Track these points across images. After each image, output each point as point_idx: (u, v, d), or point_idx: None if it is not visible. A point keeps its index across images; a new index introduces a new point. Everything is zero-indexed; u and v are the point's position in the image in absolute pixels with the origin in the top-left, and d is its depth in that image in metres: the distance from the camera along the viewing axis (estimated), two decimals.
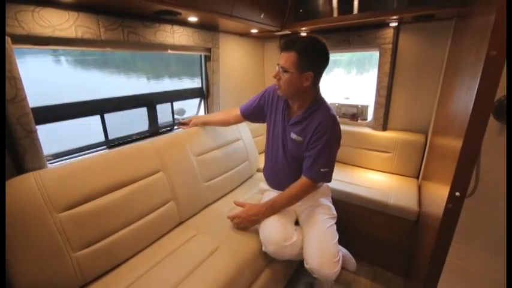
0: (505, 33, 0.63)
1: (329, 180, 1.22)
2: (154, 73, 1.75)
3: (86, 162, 1.07)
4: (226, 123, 1.58)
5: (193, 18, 1.39)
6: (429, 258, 0.91)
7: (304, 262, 1.16)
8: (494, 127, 1.38)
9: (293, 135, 1.22)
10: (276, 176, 1.36)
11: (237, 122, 1.54)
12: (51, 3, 0.96)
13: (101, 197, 1.04)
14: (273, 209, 1.22)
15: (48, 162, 1.09)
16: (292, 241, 1.17)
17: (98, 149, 1.33)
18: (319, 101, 1.19)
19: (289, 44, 1.07)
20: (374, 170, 1.95)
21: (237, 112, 1.47)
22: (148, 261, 1.09)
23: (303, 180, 1.21)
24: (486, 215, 1.51)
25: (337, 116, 1.19)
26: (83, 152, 1.27)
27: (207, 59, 1.79)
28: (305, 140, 1.19)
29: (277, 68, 1.13)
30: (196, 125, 1.57)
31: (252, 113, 1.42)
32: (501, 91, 1.30)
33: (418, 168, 1.80)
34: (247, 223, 1.24)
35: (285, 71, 1.08)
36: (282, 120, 1.27)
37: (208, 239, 1.22)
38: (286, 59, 1.08)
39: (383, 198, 1.55)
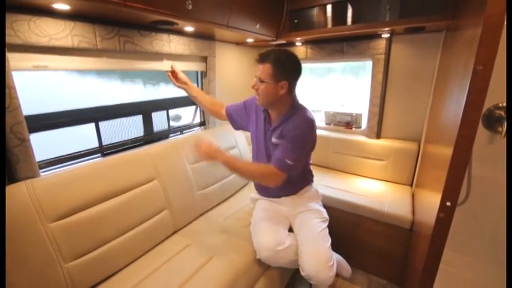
0: (491, 48, 0.65)
1: (292, 172, 1.20)
2: (151, 79, 1.76)
3: (79, 170, 1.06)
4: (210, 113, 1.58)
5: (189, 28, 1.41)
6: (422, 266, 0.91)
7: (300, 269, 1.17)
8: (484, 136, 1.41)
9: (274, 140, 1.26)
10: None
11: (219, 118, 1.53)
12: (47, 13, 0.97)
13: (94, 206, 1.03)
14: (226, 162, 1.17)
15: (41, 170, 1.08)
16: (285, 246, 1.18)
17: (92, 156, 1.32)
18: (295, 107, 1.24)
19: (264, 56, 1.15)
20: (368, 177, 1.97)
21: (222, 110, 1.48)
22: (142, 272, 1.08)
23: (269, 166, 1.18)
24: (478, 222, 1.53)
25: (314, 120, 1.21)
26: (77, 160, 1.26)
27: (204, 74, 1.82)
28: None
29: (255, 79, 1.19)
30: (182, 88, 1.48)
31: (235, 119, 1.45)
32: (490, 102, 1.34)
33: (411, 176, 1.82)
34: (203, 152, 1.17)
35: (262, 81, 1.15)
36: (264, 129, 1.31)
37: (203, 249, 1.21)
38: (262, 70, 1.15)
39: (377, 206, 1.56)
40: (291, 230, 1.33)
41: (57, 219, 0.93)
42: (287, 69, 1.16)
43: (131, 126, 1.55)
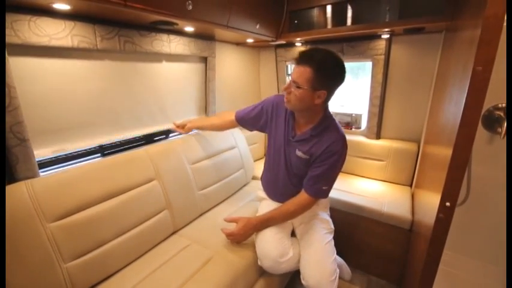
0: (491, 49, 0.65)
1: (327, 196, 1.22)
2: None
3: (78, 170, 1.06)
4: (220, 129, 1.54)
5: (189, 28, 1.41)
6: (422, 267, 0.92)
7: (301, 277, 1.15)
8: (484, 136, 1.41)
9: (299, 153, 1.18)
10: (276, 189, 1.35)
11: (231, 127, 1.49)
12: (48, 13, 0.97)
13: (93, 206, 1.02)
14: (268, 225, 1.21)
15: (40, 170, 1.08)
16: (288, 257, 1.15)
17: (91, 156, 1.32)
18: (328, 118, 1.15)
19: (305, 58, 1.00)
20: (368, 177, 1.97)
21: (231, 117, 1.42)
22: (141, 272, 1.07)
23: (303, 196, 1.18)
24: (478, 223, 1.53)
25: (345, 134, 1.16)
26: (76, 160, 1.25)
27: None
28: (311, 158, 1.16)
29: (287, 79, 1.09)
30: (190, 130, 1.55)
31: (248, 122, 1.39)
32: (489, 102, 1.35)
33: (411, 177, 1.83)
34: (241, 238, 1.22)
35: (298, 86, 1.02)
36: (284, 133, 1.22)
37: (202, 249, 1.21)
38: (300, 73, 1.00)
39: (377, 206, 1.56)
40: (292, 233, 1.33)
41: (56, 219, 0.93)
42: (330, 77, 1.01)
43: None
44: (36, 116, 1.06)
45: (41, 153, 1.09)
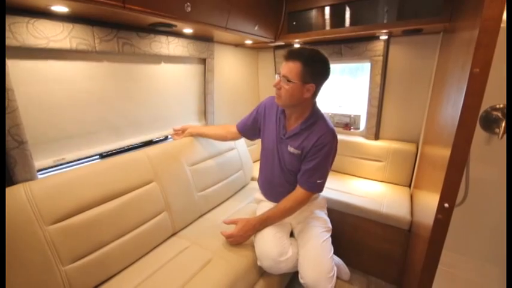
0: (488, 51, 0.66)
1: (322, 190, 1.24)
2: None
3: (77, 172, 1.05)
4: (223, 139, 1.56)
5: (188, 30, 1.41)
6: (421, 267, 0.92)
7: (299, 276, 1.15)
8: (481, 137, 1.42)
9: (291, 149, 1.20)
10: (273, 189, 1.36)
11: (234, 138, 1.52)
12: (46, 15, 0.97)
13: (92, 209, 1.02)
14: (266, 224, 1.21)
15: (38, 172, 1.08)
16: (287, 256, 1.16)
17: (90, 158, 1.31)
18: (316, 113, 1.19)
19: (294, 54, 1.07)
20: (367, 178, 1.97)
21: (234, 128, 1.46)
22: (140, 274, 1.07)
23: (299, 191, 1.21)
24: (476, 223, 1.54)
25: (335, 129, 1.20)
26: (75, 162, 1.25)
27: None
28: (303, 153, 1.18)
29: (276, 77, 1.13)
30: (190, 135, 1.56)
31: (249, 130, 1.42)
32: (487, 103, 1.35)
33: (409, 177, 1.83)
34: (241, 239, 1.23)
35: (288, 80, 1.07)
36: (276, 132, 1.26)
37: (202, 251, 1.21)
38: (290, 68, 1.06)
39: (376, 207, 1.56)
40: (291, 234, 1.32)
41: (55, 221, 0.92)
42: (317, 71, 1.08)
43: None
44: (35, 122, 1.05)
45: (42, 164, 1.11)
